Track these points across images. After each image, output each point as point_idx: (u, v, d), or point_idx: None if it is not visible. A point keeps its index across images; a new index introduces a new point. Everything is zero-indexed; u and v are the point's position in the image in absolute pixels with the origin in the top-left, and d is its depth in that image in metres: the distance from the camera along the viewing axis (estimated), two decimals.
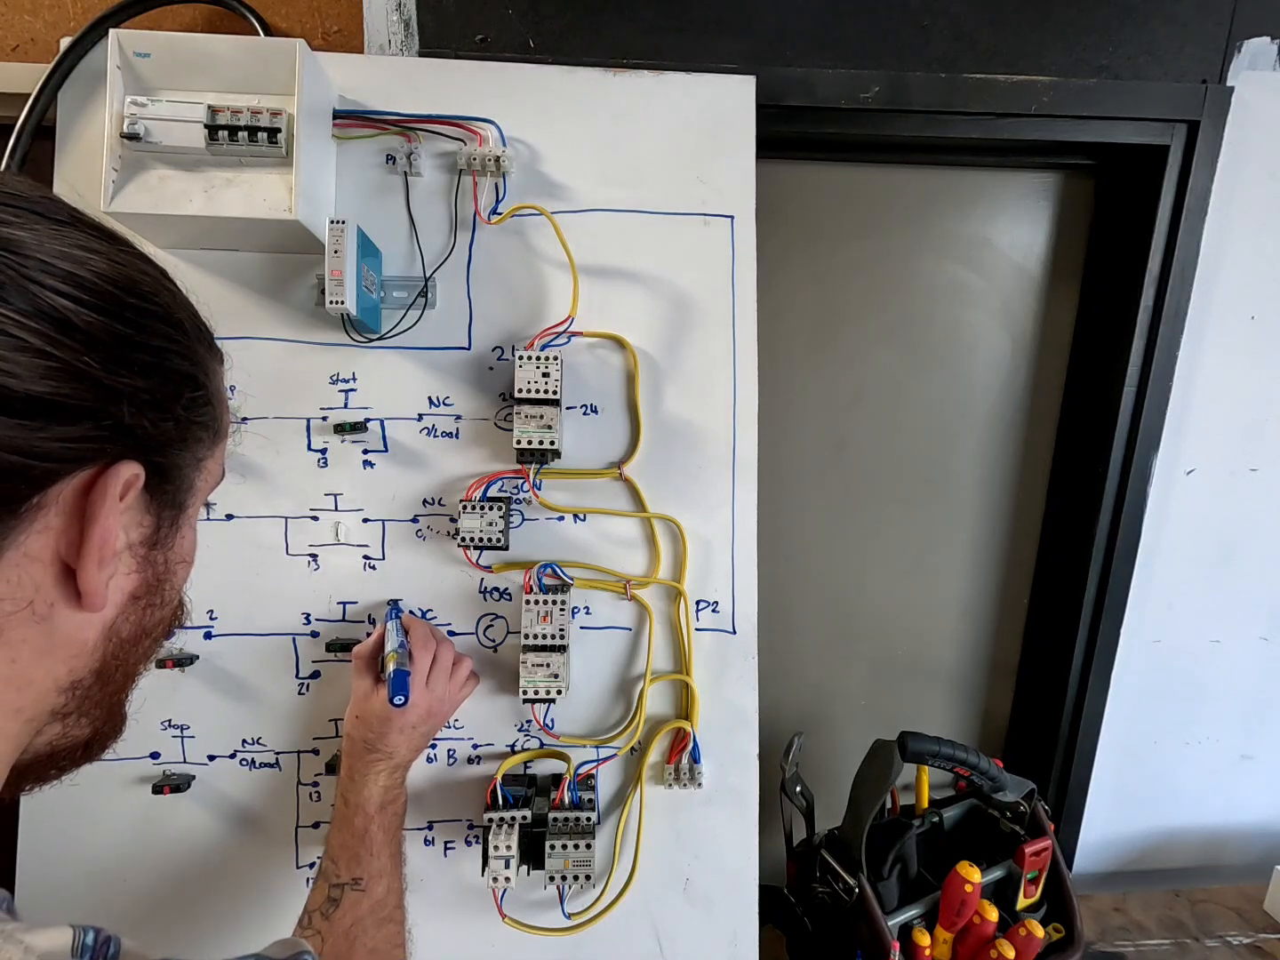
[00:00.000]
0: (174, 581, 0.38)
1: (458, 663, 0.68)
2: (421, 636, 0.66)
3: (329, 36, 0.74)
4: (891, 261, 0.91)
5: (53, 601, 0.30)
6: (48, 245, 0.28)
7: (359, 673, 0.65)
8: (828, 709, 1.03)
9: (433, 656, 0.65)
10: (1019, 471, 0.98)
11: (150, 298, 0.32)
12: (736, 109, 0.73)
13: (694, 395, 0.74)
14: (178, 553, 0.37)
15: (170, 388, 0.33)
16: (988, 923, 0.73)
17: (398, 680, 0.59)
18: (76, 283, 0.28)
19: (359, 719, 0.63)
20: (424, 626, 0.68)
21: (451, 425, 0.72)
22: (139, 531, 0.34)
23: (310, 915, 0.56)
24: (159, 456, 0.33)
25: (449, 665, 0.67)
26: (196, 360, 0.35)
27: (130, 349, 0.30)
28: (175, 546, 0.37)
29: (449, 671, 0.67)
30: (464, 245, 0.71)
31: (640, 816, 0.73)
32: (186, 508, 0.37)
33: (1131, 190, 0.85)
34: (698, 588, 0.74)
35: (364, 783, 0.61)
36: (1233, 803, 1.06)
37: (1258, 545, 0.96)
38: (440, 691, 0.65)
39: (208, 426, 0.37)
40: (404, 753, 0.63)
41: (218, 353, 0.38)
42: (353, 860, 0.58)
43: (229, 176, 0.63)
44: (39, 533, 0.29)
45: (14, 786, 0.35)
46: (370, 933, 0.56)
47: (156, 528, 0.35)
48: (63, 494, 0.29)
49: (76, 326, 0.28)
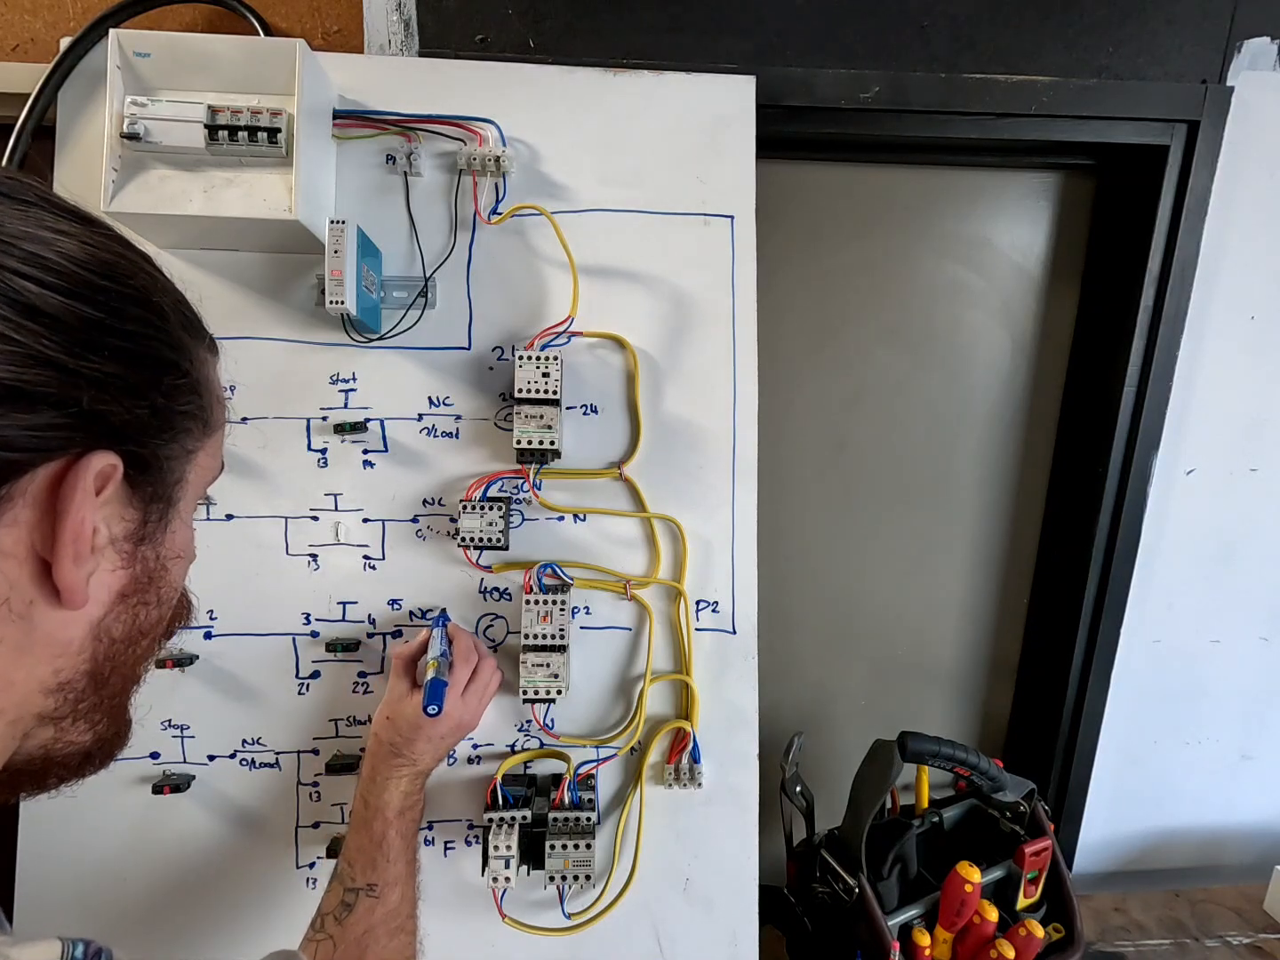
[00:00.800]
0: (169, 579, 0.36)
1: (493, 678, 0.68)
2: (465, 648, 0.66)
3: (329, 36, 0.74)
4: (891, 262, 0.91)
5: (31, 599, 0.30)
6: (9, 225, 0.27)
7: (397, 674, 0.65)
8: (828, 709, 1.03)
9: (473, 670, 0.66)
10: (1019, 471, 0.98)
11: (125, 280, 0.31)
12: (736, 109, 0.73)
13: (694, 395, 0.74)
14: (170, 548, 0.36)
15: (146, 374, 0.31)
16: (988, 923, 0.73)
17: (434, 689, 0.59)
18: (40, 264, 0.27)
19: (389, 720, 0.62)
20: (469, 638, 0.68)
21: (451, 425, 0.72)
22: (123, 526, 0.32)
23: (323, 918, 0.55)
24: (137, 446, 0.31)
25: (487, 681, 0.67)
26: (179, 346, 0.34)
27: (101, 333, 0.29)
28: (167, 542, 0.35)
29: (485, 688, 0.67)
30: (464, 245, 0.71)
31: (640, 816, 0.73)
32: (177, 501, 0.35)
33: (1131, 190, 0.85)
34: (698, 588, 0.74)
35: (385, 785, 0.60)
36: (1232, 803, 1.06)
37: (1258, 545, 0.96)
38: (474, 705, 0.65)
39: (195, 416, 0.35)
40: (428, 760, 0.63)
41: (208, 341, 0.37)
42: (369, 865, 0.57)
43: (229, 176, 0.63)
44: (9, 527, 0.28)
45: (7, 790, 0.35)
46: (382, 942, 0.55)
47: (143, 522, 0.33)
48: (32, 486, 0.28)
49: (40, 310, 0.27)
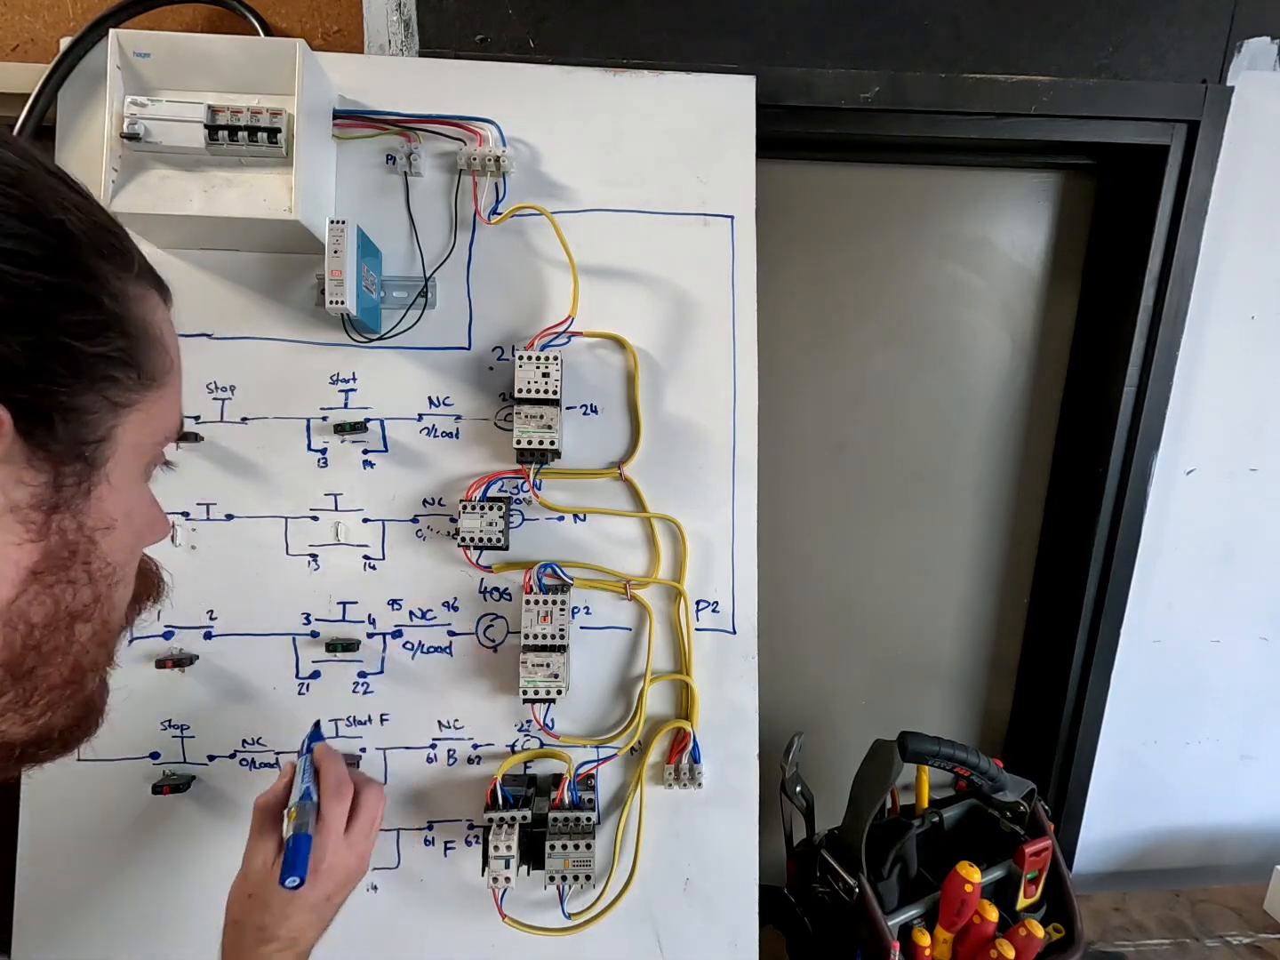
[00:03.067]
0: (100, 553, 0.31)
1: (378, 806, 0.57)
2: (336, 780, 0.54)
3: (329, 36, 0.74)
4: (891, 261, 0.91)
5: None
6: None
7: (258, 833, 0.53)
8: (828, 709, 1.03)
9: (350, 804, 0.54)
10: (1019, 471, 0.98)
11: (5, 190, 0.26)
12: (736, 109, 0.73)
13: (694, 395, 0.74)
14: (98, 517, 0.31)
15: (35, 305, 0.26)
16: (988, 923, 0.73)
17: (294, 853, 0.48)
18: None
19: (251, 899, 0.50)
20: (338, 764, 0.56)
21: (451, 425, 0.72)
22: (25, 491, 0.28)
23: None
24: (28, 394, 0.27)
25: (374, 814, 0.56)
26: (90, 275, 0.29)
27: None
28: (91, 510, 0.30)
29: (373, 822, 0.56)
30: (464, 245, 0.71)
31: (640, 816, 0.73)
32: (101, 463, 0.30)
33: (1131, 190, 0.85)
34: (698, 588, 0.74)
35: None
36: (1233, 803, 1.06)
37: (1258, 545, 0.96)
38: (361, 847, 0.54)
39: (121, 362, 0.30)
40: (312, 935, 0.51)
41: (142, 275, 0.32)
42: None
43: (229, 176, 0.62)
44: None
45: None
46: None
47: (54, 486, 0.28)
48: None
49: None
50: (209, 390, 0.70)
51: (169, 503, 0.69)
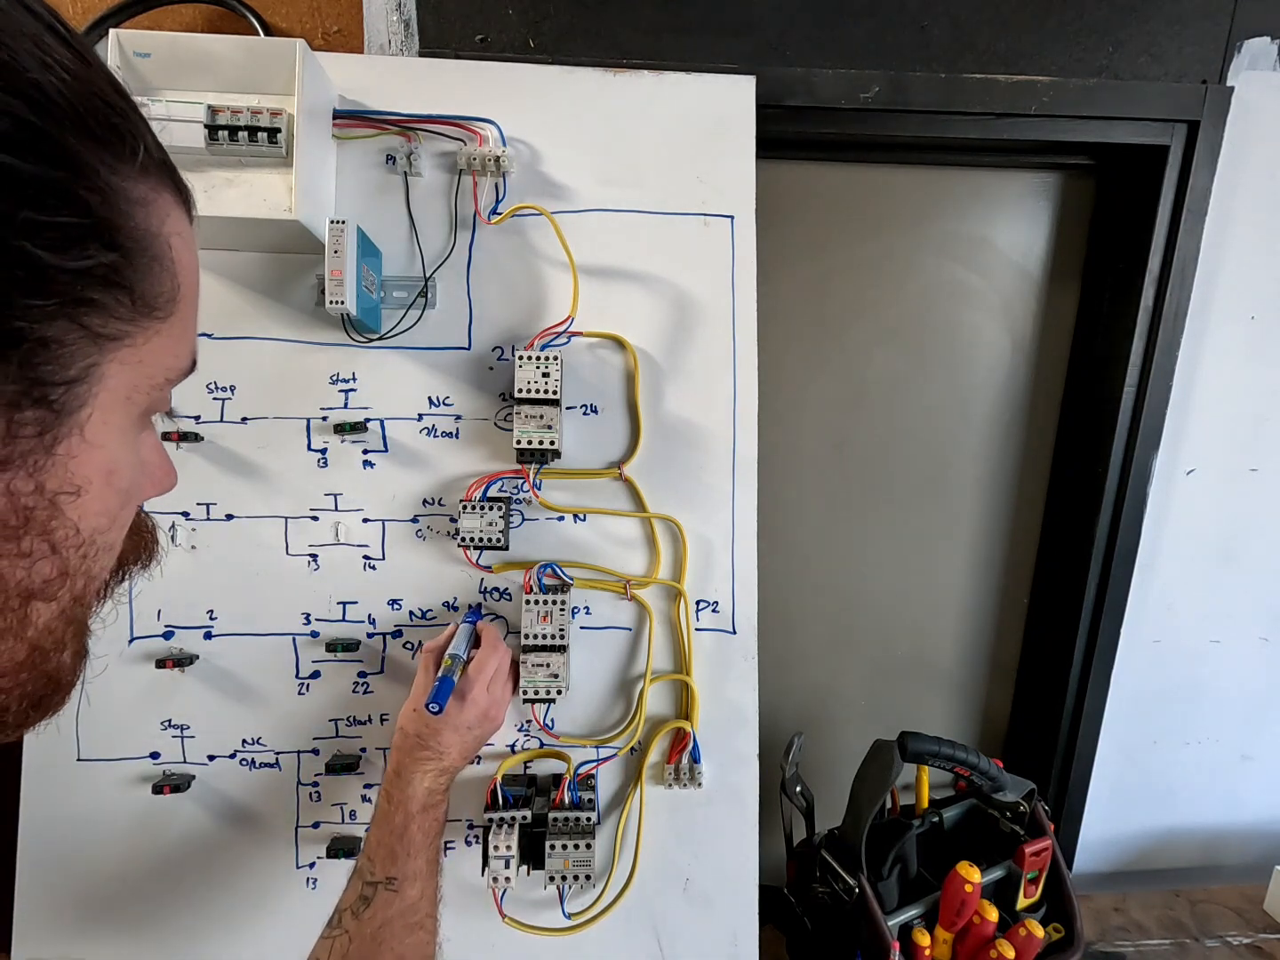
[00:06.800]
0: (65, 520, 0.25)
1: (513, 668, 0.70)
2: (492, 638, 0.67)
3: (329, 36, 0.74)
4: (891, 262, 0.91)
5: None
6: None
7: (425, 667, 0.65)
8: (828, 709, 1.03)
9: (499, 660, 0.66)
10: (1019, 471, 0.98)
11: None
12: (736, 109, 0.73)
13: (694, 395, 0.74)
14: (61, 478, 0.24)
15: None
16: (988, 923, 0.73)
17: (440, 688, 0.60)
18: None
19: (416, 712, 0.62)
20: (495, 631, 0.68)
21: (451, 425, 0.72)
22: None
23: (340, 915, 0.54)
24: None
25: (507, 671, 0.68)
26: (70, 162, 0.22)
27: None
28: (55, 469, 0.24)
29: (507, 677, 0.68)
30: (464, 245, 0.71)
31: (640, 816, 0.73)
32: (74, 409, 0.24)
33: (1131, 190, 0.85)
34: (698, 588, 0.74)
35: (410, 780, 0.59)
36: (1233, 803, 1.06)
37: (1258, 545, 0.96)
38: (499, 695, 0.65)
39: (107, 282, 0.24)
40: (454, 755, 0.62)
41: (149, 170, 0.26)
42: (388, 858, 0.56)
43: (229, 176, 0.63)
44: None
45: None
46: (399, 936, 0.54)
47: (8, 437, 0.22)
48: None
49: None
50: (209, 390, 0.70)
51: (169, 503, 0.69)
